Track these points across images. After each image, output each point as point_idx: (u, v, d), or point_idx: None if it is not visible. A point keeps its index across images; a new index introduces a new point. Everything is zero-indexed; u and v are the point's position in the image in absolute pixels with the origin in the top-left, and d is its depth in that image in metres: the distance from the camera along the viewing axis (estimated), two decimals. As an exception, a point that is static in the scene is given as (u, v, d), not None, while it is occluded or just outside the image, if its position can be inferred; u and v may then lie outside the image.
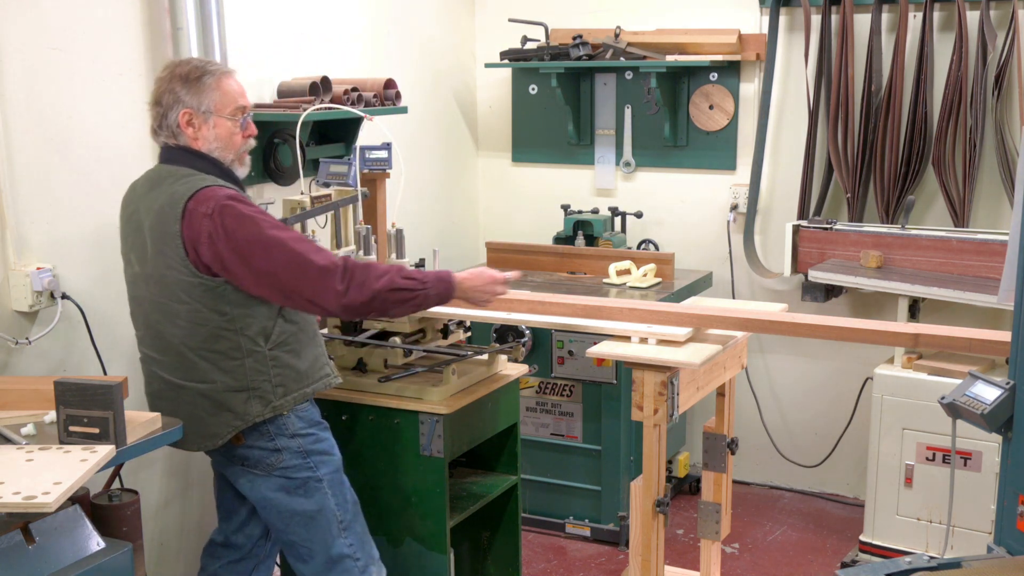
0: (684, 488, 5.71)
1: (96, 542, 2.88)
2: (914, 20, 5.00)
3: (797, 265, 5.16)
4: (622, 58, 5.49)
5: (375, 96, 4.67)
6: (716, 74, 5.57)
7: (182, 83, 3.24)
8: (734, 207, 5.58)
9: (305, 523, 3.37)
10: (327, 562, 3.40)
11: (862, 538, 4.83)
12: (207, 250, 3.11)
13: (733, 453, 4.16)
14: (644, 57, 5.45)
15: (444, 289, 3.34)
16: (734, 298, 5.63)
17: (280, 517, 3.38)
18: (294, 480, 3.34)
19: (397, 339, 3.91)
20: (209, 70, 3.28)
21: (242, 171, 3.37)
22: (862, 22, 5.13)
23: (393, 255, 3.99)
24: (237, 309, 3.20)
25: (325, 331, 3.93)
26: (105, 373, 3.78)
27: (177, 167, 3.26)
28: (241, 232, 3.10)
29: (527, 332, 5.06)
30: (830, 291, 5.07)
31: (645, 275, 5.24)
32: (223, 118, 3.27)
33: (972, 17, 4.82)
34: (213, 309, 3.18)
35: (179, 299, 3.19)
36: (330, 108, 4.34)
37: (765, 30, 5.40)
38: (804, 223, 5.18)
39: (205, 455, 4.12)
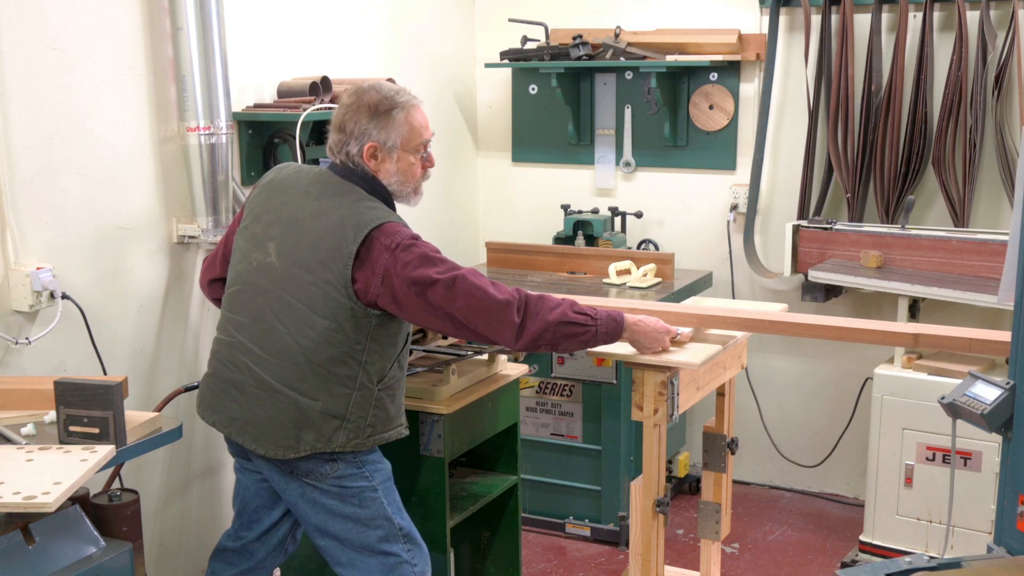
0: (684, 488, 5.71)
1: (96, 542, 2.88)
2: (914, 20, 5.00)
3: (797, 265, 5.16)
4: (622, 58, 5.49)
5: (375, 96, 4.66)
6: (716, 74, 5.57)
7: (370, 114, 3.22)
8: (734, 207, 5.58)
9: (359, 529, 3.32)
10: (383, 569, 3.35)
11: (862, 538, 4.83)
12: (378, 282, 3.10)
13: (733, 453, 4.16)
14: (644, 57, 5.45)
15: (614, 328, 3.34)
16: (734, 298, 5.63)
17: (334, 523, 3.32)
18: (349, 489, 3.29)
19: (398, 339, 3.91)
20: (399, 102, 3.25)
21: (416, 200, 3.38)
22: (862, 22, 5.13)
23: None
24: (371, 343, 3.19)
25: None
26: (105, 373, 3.78)
27: (355, 187, 3.25)
28: (422, 270, 3.09)
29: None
30: (830, 291, 5.07)
31: (645, 275, 5.24)
32: (407, 152, 3.27)
33: (972, 17, 4.82)
34: (351, 335, 3.16)
35: (322, 312, 3.15)
36: (330, 108, 4.34)
37: (765, 30, 5.40)
38: (804, 223, 5.18)
39: (204, 453, 4.12)
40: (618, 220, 5.77)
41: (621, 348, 3.55)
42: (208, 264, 3.61)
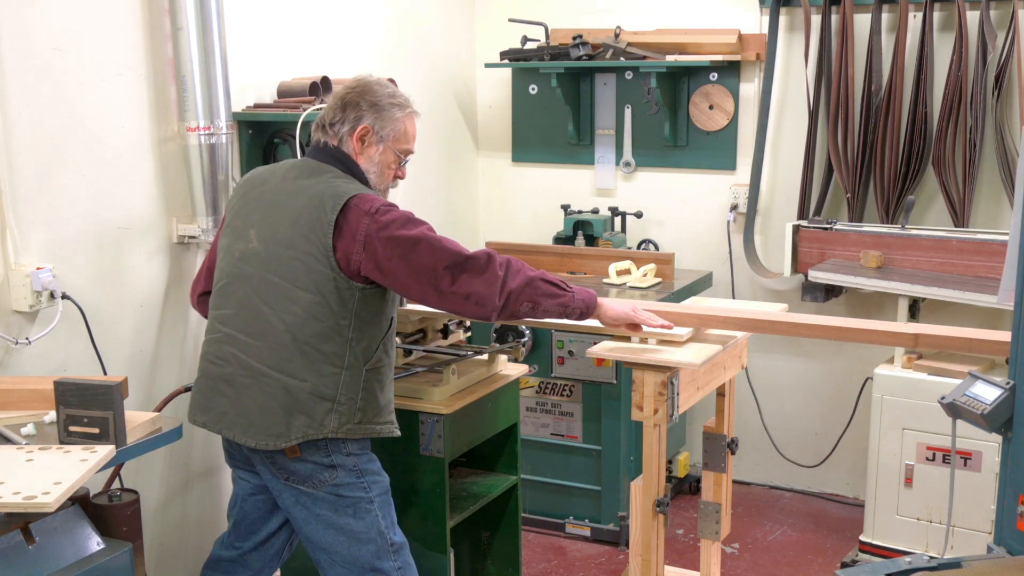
0: (684, 488, 5.71)
1: (96, 542, 2.89)
2: (914, 20, 5.00)
3: (797, 265, 5.16)
4: (622, 58, 5.49)
5: (375, 96, 4.66)
6: (716, 74, 5.57)
7: (374, 101, 3.32)
8: (734, 207, 5.58)
9: (351, 543, 3.30)
10: None
11: (862, 538, 4.83)
12: (360, 248, 3.13)
13: (733, 453, 4.16)
14: (644, 57, 5.45)
15: (588, 298, 3.38)
16: (734, 298, 5.63)
17: (326, 535, 3.30)
18: (345, 499, 3.27)
19: (397, 339, 3.91)
20: (402, 104, 3.36)
21: None
22: (862, 22, 5.13)
23: None
24: (356, 320, 3.19)
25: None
26: (105, 373, 3.78)
27: (332, 167, 3.30)
28: (404, 231, 3.15)
29: (527, 332, 5.07)
30: (830, 291, 5.07)
31: (645, 275, 5.24)
32: (392, 150, 3.34)
33: (972, 17, 4.82)
34: (336, 310, 3.17)
35: (305, 287, 3.16)
36: None
37: (765, 30, 5.40)
38: (804, 223, 5.18)
39: (204, 453, 4.12)
40: (618, 220, 5.77)
41: (621, 348, 3.55)
42: (196, 278, 3.63)
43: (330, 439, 3.21)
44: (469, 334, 4.18)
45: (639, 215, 5.74)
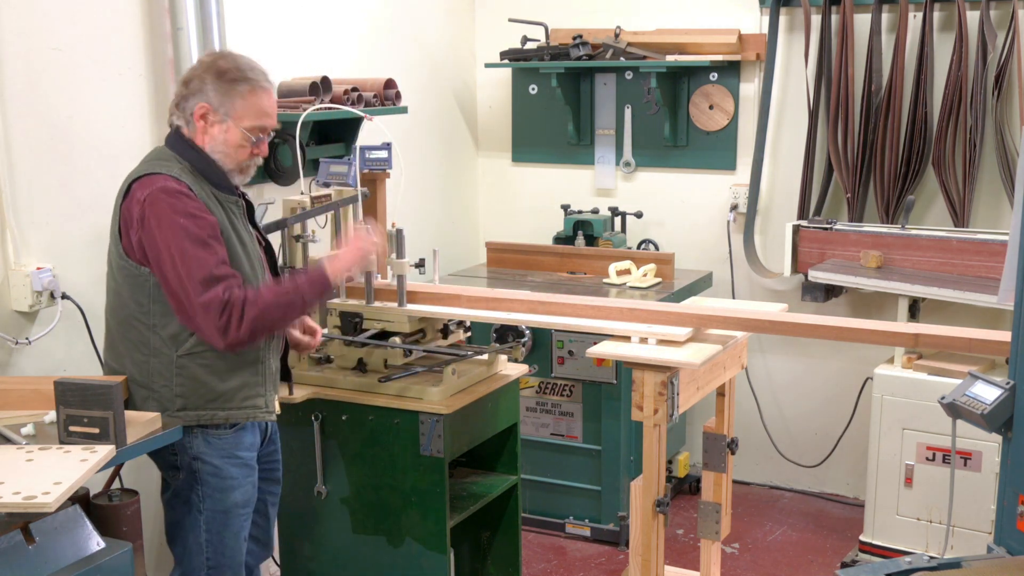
0: (684, 488, 5.71)
1: (96, 542, 2.88)
2: (914, 20, 5.00)
3: (797, 265, 5.17)
4: (622, 58, 5.49)
5: (375, 96, 4.67)
6: (716, 74, 5.57)
7: (215, 77, 3.14)
8: (734, 207, 5.58)
9: (178, 535, 3.34)
10: None
11: (862, 538, 4.83)
12: (135, 235, 3.07)
13: (733, 453, 4.16)
14: (644, 57, 5.45)
15: (317, 278, 3.23)
16: (734, 298, 5.63)
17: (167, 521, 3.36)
18: (180, 496, 3.27)
19: (397, 339, 3.91)
20: (248, 77, 3.17)
21: (239, 179, 3.27)
22: (862, 22, 5.13)
23: (393, 255, 3.99)
24: (155, 305, 3.12)
25: (325, 330, 3.92)
26: (105, 373, 3.77)
27: (169, 150, 3.19)
28: (159, 232, 3.02)
29: (527, 332, 5.07)
30: (830, 291, 5.07)
31: (645, 275, 5.24)
32: (238, 128, 3.16)
33: (972, 17, 4.82)
34: (131, 297, 3.13)
35: (112, 275, 3.19)
36: (330, 108, 4.34)
37: (765, 30, 5.40)
38: (804, 223, 5.19)
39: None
40: (618, 220, 5.77)
41: (621, 348, 3.56)
42: None
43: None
44: (469, 334, 4.18)
45: (639, 215, 5.74)
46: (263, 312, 3.07)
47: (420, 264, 4.14)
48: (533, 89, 5.99)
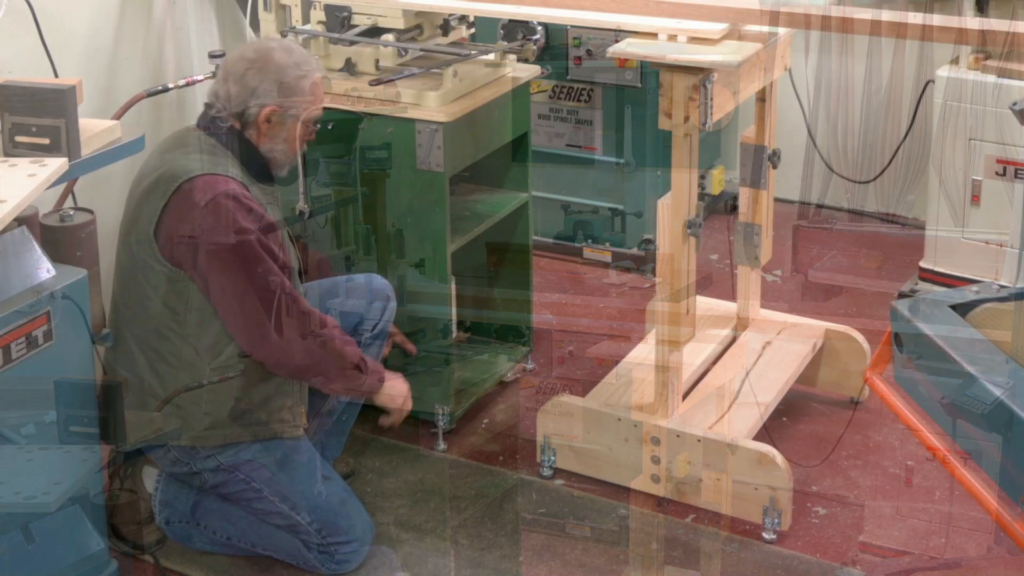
0: (719, 207, 5.75)
1: (46, 269, 2.92)
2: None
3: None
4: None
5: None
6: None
7: (277, 76, 3.25)
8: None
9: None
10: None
11: (922, 264, 4.90)
12: (182, 242, 3.11)
13: (775, 167, 4.16)
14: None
15: (356, 383, 3.42)
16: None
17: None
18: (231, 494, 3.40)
19: (390, 36, 3.88)
20: (307, 71, 3.31)
21: (282, 172, 3.44)
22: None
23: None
24: (193, 313, 3.19)
25: (308, 26, 3.90)
26: (56, 76, 3.76)
27: (209, 137, 3.25)
28: (224, 242, 3.11)
29: (539, 28, 5.01)
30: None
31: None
32: (301, 123, 3.32)
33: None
34: (165, 303, 3.18)
35: (134, 281, 3.23)
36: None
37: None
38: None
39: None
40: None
41: (647, 47, 3.54)
42: None
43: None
44: (473, 31, 4.15)
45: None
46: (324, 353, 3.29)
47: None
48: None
